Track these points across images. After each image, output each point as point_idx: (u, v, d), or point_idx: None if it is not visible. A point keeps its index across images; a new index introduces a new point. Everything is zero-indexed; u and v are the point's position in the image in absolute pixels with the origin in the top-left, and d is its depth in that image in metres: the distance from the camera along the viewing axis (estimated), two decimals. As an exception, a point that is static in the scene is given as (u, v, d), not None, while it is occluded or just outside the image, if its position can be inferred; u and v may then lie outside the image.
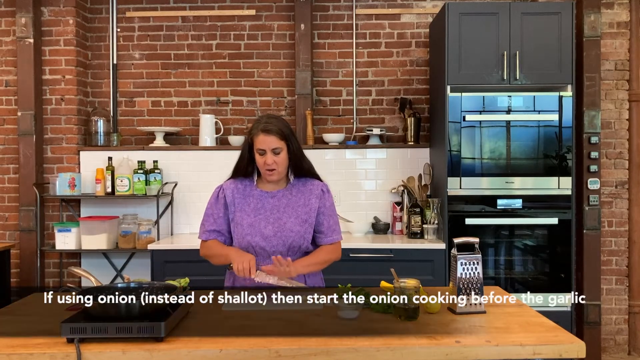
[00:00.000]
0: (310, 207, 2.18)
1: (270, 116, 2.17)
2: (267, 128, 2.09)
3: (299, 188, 2.21)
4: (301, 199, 2.19)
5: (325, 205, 2.21)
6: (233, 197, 2.20)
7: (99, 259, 4.05)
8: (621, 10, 3.98)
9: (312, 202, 2.19)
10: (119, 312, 1.59)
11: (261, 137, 2.09)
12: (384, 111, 4.16)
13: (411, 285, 1.80)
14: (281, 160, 2.12)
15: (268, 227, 2.14)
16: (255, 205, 2.18)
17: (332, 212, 2.23)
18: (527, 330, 1.68)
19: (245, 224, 2.15)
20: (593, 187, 3.81)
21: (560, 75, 3.44)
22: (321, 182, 2.25)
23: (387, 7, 4.14)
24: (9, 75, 4.04)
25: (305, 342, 1.56)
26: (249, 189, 2.21)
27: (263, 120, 2.14)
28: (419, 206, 3.69)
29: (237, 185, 2.22)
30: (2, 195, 4.07)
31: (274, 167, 2.12)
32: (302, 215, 2.16)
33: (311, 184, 2.22)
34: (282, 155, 2.11)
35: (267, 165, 2.11)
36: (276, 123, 2.12)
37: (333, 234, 2.22)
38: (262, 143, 2.09)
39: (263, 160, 2.11)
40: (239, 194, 2.20)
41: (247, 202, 2.19)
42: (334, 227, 2.23)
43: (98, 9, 4.19)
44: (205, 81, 4.18)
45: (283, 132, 2.10)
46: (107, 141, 4.07)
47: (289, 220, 2.15)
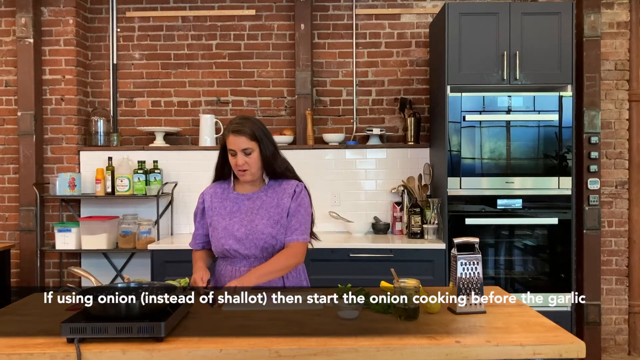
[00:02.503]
0: (282, 208, 2.16)
1: (242, 117, 2.17)
2: (236, 129, 2.10)
3: (274, 189, 2.20)
4: (275, 199, 2.17)
5: (291, 206, 2.16)
6: (211, 202, 2.22)
7: (99, 259, 4.05)
8: (621, 10, 3.98)
9: (284, 202, 2.16)
10: (119, 312, 1.59)
11: (231, 138, 2.10)
12: (384, 111, 4.16)
13: (411, 285, 1.80)
14: (253, 161, 2.12)
15: (241, 229, 2.13)
16: (231, 209, 2.19)
17: (296, 211, 2.16)
18: (527, 330, 1.68)
19: (220, 228, 2.16)
20: (593, 187, 3.81)
21: (560, 75, 3.44)
22: (297, 182, 2.22)
23: (387, 7, 4.14)
24: (9, 75, 4.04)
25: (305, 342, 1.56)
26: (226, 192, 2.22)
27: (234, 121, 2.14)
28: (419, 206, 3.69)
29: (216, 190, 2.24)
30: (2, 195, 4.07)
31: (246, 168, 2.12)
32: (274, 216, 2.15)
33: (287, 184, 2.20)
34: (253, 156, 2.11)
35: (239, 166, 2.11)
36: (247, 124, 2.11)
37: (293, 233, 2.15)
38: (232, 144, 2.10)
39: (235, 161, 2.12)
40: (217, 198, 2.22)
41: (224, 206, 2.20)
42: (296, 226, 2.15)
43: (98, 9, 4.19)
44: (205, 81, 4.18)
45: (254, 133, 2.10)
46: (107, 141, 4.07)
47: (261, 222, 2.13)
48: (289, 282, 2.18)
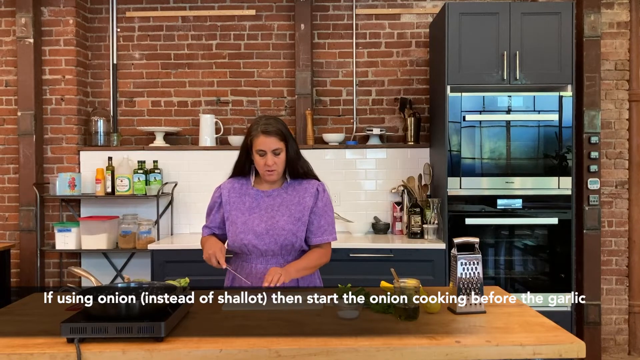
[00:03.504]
0: (304, 206, 2.17)
1: (269, 117, 2.17)
2: (267, 129, 2.09)
3: (294, 187, 2.21)
4: (296, 197, 2.19)
5: (317, 205, 2.19)
6: (229, 196, 2.21)
7: (99, 259, 4.05)
8: (621, 10, 3.98)
9: (306, 201, 2.18)
10: (119, 312, 1.59)
11: (261, 139, 2.09)
12: (384, 111, 4.16)
13: (411, 285, 1.80)
14: (281, 161, 2.13)
15: (260, 225, 2.14)
16: (250, 204, 2.19)
17: (324, 212, 2.20)
18: (527, 330, 1.68)
19: (239, 222, 2.16)
20: (593, 187, 3.81)
21: (560, 75, 3.44)
22: (318, 182, 2.24)
23: (387, 7, 4.14)
24: (9, 75, 4.04)
25: (305, 342, 1.56)
26: (245, 188, 2.22)
27: (262, 121, 2.13)
28: (419, 206, 3.69)
29: (234, 185, 2.23)
30: (2, 195, 4.07)
31: (275, 168, 2.12)
32: (295, 213, 2.16)
33: (307, 183, 2.22)
34: (281, 156, 2.12)
35: (268, 166, 2.11)
36: (275, 124, 2.12)
37: (323, 234, 2.19)
38: (263, 144, 2.09)
39: (263, 162, 2.11)
40: (235, 193, 2.21)
41: (243, 201, 2.20)
42: (325, 227, 2.20)
43: (98, 9, 4.19)
44: (205, 81, 4.18)
45: (282, 133, 2.11)
46: (107, 141, 4.07)
47: (282, 219, 2.14)
48: (303, 282, 2.18)
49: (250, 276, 2.14)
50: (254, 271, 2.15)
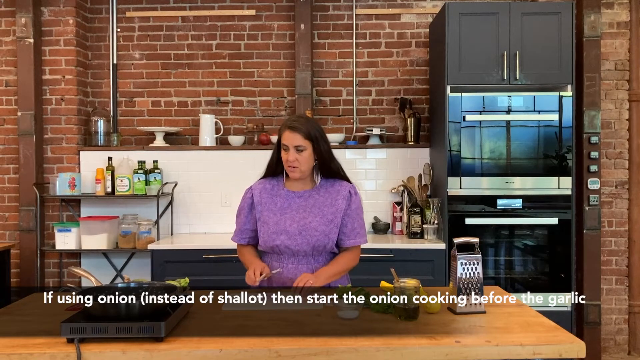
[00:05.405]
0: (336, 208, 2.18)
1: (301, 116, 2.27)
2: (293, 125, 2.14)
3: (326, 188, 2.23)
4: (328, 199, 2.20)
5: (350, 207, 2.21)
6: (260, 197, 2.23)
7: (99, 259, 4.05)
8: (621, 10, 3.98)
9: (338, 203, 2.19)
10: (119, 312, 1.59)
11: (287, 133, 2.14)
12: (384, 111, 4.16)
13: (411, 285, 1.80)
14: (304, 159, 2.14)
15: (293, 225, 2.15)
16: (282, 205, 2.20)
17: (357, 214, 2.22)
18: (527, 330, 1.68)
19: (271, 223, 2.17)
20: (593, 187, 3.80)
21: (560, 75, 3.44)
22: (349, 184, 2.26)
23: (387, 7, 4.14)
24: (9, 75, 4.04)
25: (305, 342, 1.56)
26: (276, 189, 2.24)
27: (292, 118, 2.21)
28: (419, 206, 3.69)
29: (265, 185, 2.25)
30: (2, 195, 4.07)
31: (296, 165, 2.14)
32: (328, 215, 2.17)
33: (339, 185, 2.24)
34: (305, 154, 2.13)
35: (289, 162, 2.14)
36: (303, 122, 2.16)
37: (356, 237, 2.21)
38: (287, 139, 2.14)
39: (286, 156, 2.14)
40: (267, 193, 2.23)
41: (274, 202, 2.21)
42: (358, 230, 2.22)
43: (98, 9, 4.19)
44: (205, 81, 4.18)
45: (309, 132, 2.13)
46: (107, 141, 4.07)
47: (314, 220, 2.15)
48: (333, 283, 2.17)
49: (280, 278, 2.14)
50: (286, 271, 2.15)
